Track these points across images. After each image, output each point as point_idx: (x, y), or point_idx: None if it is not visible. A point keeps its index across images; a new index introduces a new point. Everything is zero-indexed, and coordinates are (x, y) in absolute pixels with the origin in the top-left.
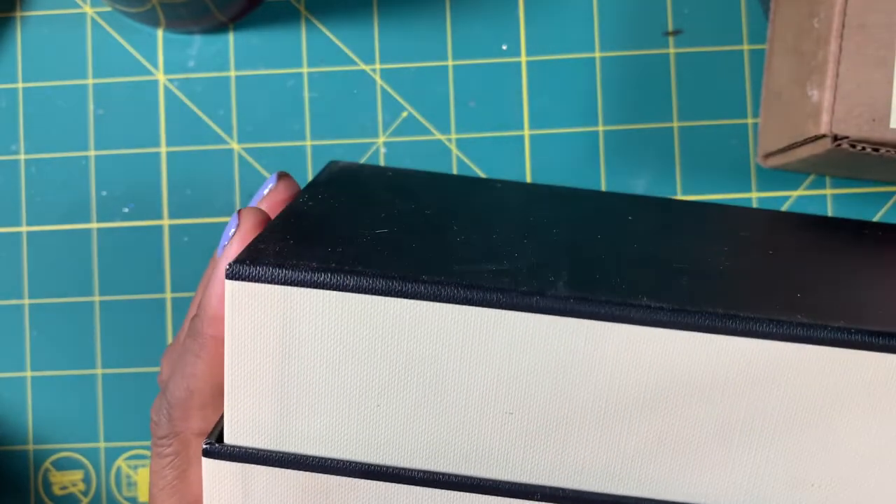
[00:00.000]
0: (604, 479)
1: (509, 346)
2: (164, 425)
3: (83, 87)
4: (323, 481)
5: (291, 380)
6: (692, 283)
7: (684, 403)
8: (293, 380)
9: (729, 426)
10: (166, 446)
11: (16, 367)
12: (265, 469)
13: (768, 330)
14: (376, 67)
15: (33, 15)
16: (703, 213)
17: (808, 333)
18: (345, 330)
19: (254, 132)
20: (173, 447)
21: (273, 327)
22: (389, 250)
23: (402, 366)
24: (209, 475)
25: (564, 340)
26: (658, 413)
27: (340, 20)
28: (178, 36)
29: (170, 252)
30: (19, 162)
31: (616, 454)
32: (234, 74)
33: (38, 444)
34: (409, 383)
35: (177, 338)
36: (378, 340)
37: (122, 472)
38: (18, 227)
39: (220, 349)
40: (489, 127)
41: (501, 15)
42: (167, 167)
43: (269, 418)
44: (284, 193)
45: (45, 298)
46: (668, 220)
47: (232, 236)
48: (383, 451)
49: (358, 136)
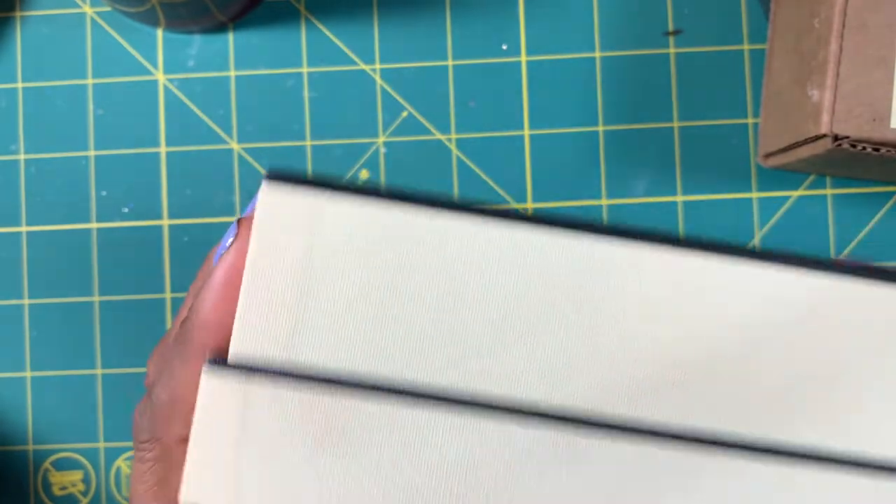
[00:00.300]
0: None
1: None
2: (146, 430)
3: (83, 87)
4: (329, 404)
5: (311, 291)
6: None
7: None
8: (313, 291)
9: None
10: (147, 451)
11: (15, 367)
12: (268, 390)
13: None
14: (376, 67)
15: (33, 15)
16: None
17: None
18: (371, 242)
19: (254, 132)
20: (154, 452)
21: (300, 235)
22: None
23: (424, 282)
24: (206, 397)
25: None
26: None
27: (340, 20)
28: (178, 36)
29: (169, 252)
30: (19, 162)
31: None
32: (234, 74)
33: (38, 444)
34: (430, 301)
35: (163, 339)
36: (402, 255)
37: (122, 472)
38: (18, 227)
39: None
40: (489, 127)
41: (501, 15)
42: (167, 167)
43: (282, 330)
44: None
45: (45, 298)
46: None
47: (230, 245)
48: (395, 367)
49: (358, 136)
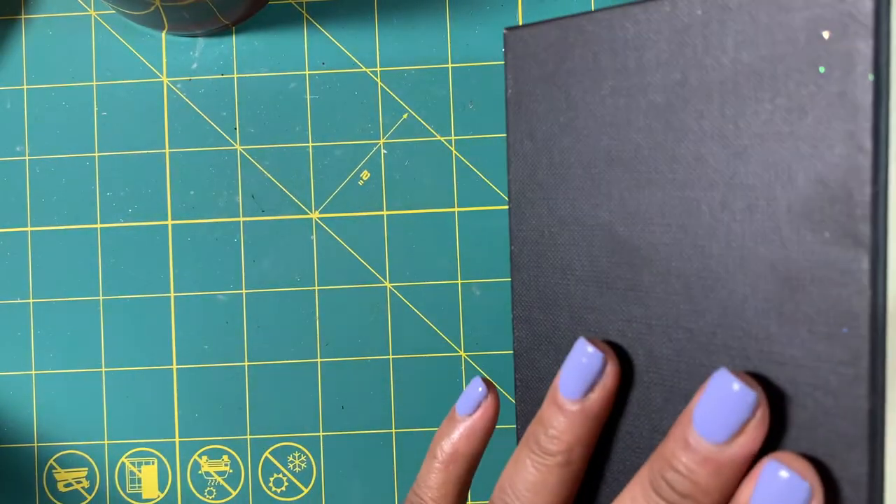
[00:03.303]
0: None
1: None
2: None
3: (87, 89)
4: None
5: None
6: None
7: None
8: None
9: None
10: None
11: (21, 365)
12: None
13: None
14: (377, 70)
15: (38, 17)
16: None
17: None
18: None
19: (256, 134)
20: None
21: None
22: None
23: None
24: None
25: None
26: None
27: (342, 23)
28: (182, 38)
29: (173, 252)
30: (24, 163)
31: None
32: (237, 77)
33: (43, 441)
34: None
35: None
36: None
37: (126, 468)
38: (23, 227)
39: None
40: (489, 128)
41: (500, 18)
42: (170, 168)
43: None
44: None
45: (50, 298)
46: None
47: (477, 409)
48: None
49: (359, 138)
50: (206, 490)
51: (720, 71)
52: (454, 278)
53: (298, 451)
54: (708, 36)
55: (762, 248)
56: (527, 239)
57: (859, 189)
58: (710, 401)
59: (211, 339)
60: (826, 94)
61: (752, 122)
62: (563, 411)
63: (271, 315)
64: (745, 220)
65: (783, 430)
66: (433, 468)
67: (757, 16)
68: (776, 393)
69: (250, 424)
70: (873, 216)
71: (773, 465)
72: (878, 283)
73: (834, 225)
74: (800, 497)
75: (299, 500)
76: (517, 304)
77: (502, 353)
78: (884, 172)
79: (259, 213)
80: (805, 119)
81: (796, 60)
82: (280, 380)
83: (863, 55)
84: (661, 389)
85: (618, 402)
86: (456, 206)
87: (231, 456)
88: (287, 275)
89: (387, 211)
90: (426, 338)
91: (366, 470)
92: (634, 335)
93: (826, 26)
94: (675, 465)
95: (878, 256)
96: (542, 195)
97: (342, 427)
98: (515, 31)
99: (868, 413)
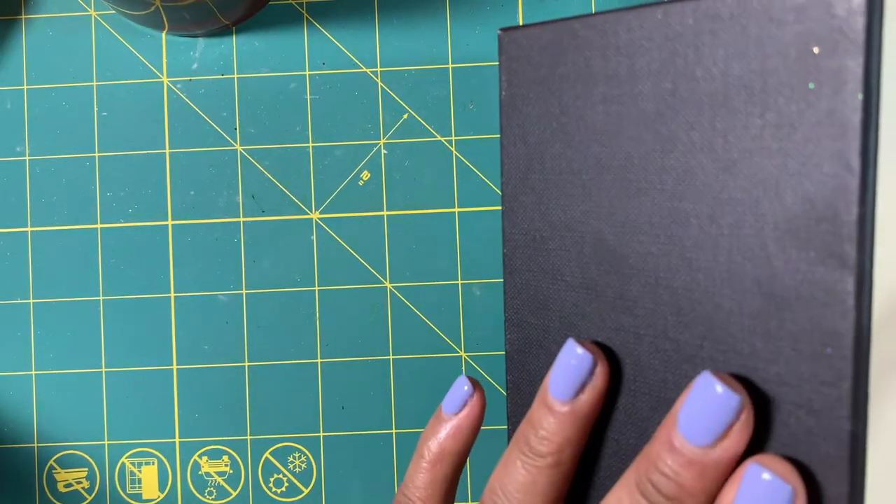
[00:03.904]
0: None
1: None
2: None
3: (87, 89)
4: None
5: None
6: None
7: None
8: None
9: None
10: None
11: (21, 365)
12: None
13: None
14: (377, 70)
15: (38, 17)
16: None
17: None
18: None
19: (256, 134)
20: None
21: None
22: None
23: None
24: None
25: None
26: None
27: (342, 23)
28: (182, 39)
29: (173, 252)
30: (24, 163)
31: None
32: (237, 77)
33: (43, 441)
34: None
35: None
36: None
37: (126, 469)
38: (23, 228)
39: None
40: (489, 129)
41: (500, 18)
42: (171, 168)
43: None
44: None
45: (50, 298)
46: None
47: (464, 407)
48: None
49: (359, 138)
50: (207, 490)
51: (711, 83)
52: (454, 278)
53: (298, 452)
54: (699, 46)
55: (749, 263)
56: (519, 242)
57: (846, 209)
58: (695, 403)
59: (211, 340)
60: (815, 110)
61: (741, 136)
62: (552, 412)
63: (271, 315)
64: (733, 234)
65: (765, 446)
66: (420, 468)
67: (748, 27)
68: (759, 409)
69: (250, 425)
70: (859, 237)
71: (755, 469)
72: (862, 305)
73: (820, 244)
74: (782, 499)
75: (299, 501)
76: (509, 306)
77: (502, 353)
78: (871, 193)
79: (259, 214)
80: (794, 135)
81: (787, 75)
82: (280, 380)
83: (852, 73)
84: (648, 399)
85: (605, 409)
86: (456, 206)
87: (231, 456)
88: (287, 275)
89: (387, 211)
90: (426, 338)
91: (366, 470)
92: (623, 343)
93: (816, 42)
94: (660, 467)
95: (864, 277)
96: (535, 199)
97: (342, 427)
98: (509, 33)
99: (849, 434)
